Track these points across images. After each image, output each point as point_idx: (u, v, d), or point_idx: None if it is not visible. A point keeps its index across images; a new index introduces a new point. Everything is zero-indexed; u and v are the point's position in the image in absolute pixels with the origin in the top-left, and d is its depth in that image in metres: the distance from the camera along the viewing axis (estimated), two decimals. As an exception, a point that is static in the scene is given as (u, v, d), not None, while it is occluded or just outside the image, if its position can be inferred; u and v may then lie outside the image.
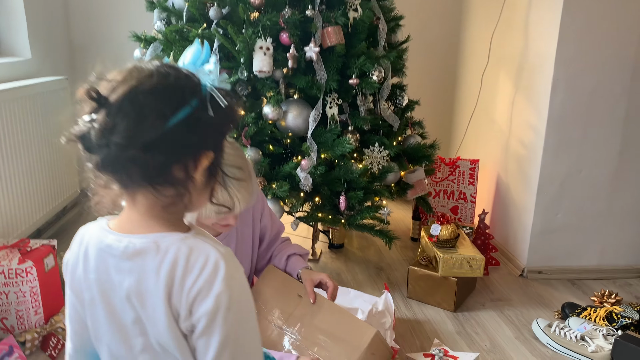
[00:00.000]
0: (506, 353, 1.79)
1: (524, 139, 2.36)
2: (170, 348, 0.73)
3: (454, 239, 2.08)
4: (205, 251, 0.71)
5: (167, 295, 0.70)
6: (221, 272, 0.70)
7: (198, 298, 0.70)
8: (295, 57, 1.92)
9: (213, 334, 0.70)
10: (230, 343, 0.71)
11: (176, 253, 0.71)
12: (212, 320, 0.70)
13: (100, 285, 0.75)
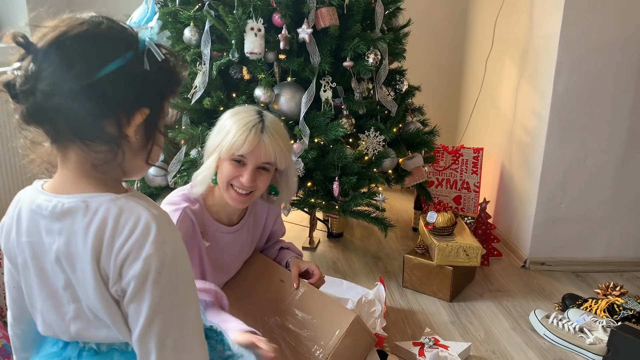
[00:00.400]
0: (500, 344, 1.73)
1: (527, 125, 2.29)
2: (101, 314, 0.70)
3: (450, 227, 2.02)
4: (137, 212, 0.68)
5: (96, 257, 0.67)
6: (152, 234, 0.67)
7: (127, 260, 0.66)
8: (287, 38, 1.88)
9: (143, 299, 0.67)
10: (162, 310, 0.67)
11: (105, 213, 0.68)
12: (142, 284, 0.66)
13: (32, 248, 0.72)
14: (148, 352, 0.68)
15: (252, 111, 1.29)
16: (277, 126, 1.30)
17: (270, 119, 1.29)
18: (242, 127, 1.23)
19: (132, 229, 0.67)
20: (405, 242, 2.56)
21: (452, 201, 2.68)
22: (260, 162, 1.27)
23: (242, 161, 1.26)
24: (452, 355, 1.59)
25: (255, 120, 1.25)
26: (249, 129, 1.23)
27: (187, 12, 1.96)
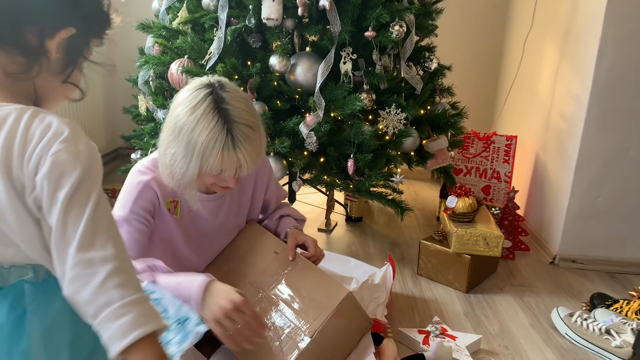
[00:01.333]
0: (515, 340, 1.59)
1: (565, 111, 2.11)
2: (12, 230, 0.65)
3: (471, 213, 1.89)
4: (48, 119, 0.65)
5: (6, 168, 0.63)
6: (64, 132, 0.65)
7: (39, 164, 0.64)
8: (306, 5, 1.80)
9: (57, 199, 0.64)
10: (73, 209, 0.64)
11: (16, 121, 0.64)
12: (55, 182, 0.64)
13: None
14: (63, 254, 0.64)
15: (211, 115, 1.09)
16: (246, 126, 1.12)
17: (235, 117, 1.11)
18: (211, 151, 1.09)
19: (42, 134, 0.64)
20: (427, 230, 2.43)
21: (480, 191, 2.53)
22: (238, 175, 1.18)
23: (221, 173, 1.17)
24: (459, 346, 1.47)
25: (222, 137, 1.09)
26: (219, 150, 1.09)
27: (207, -23, 1.90)
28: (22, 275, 0.69)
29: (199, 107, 1.10)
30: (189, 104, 1.11)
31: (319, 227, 2.40)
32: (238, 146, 1.10)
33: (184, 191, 1.20)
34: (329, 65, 1.83)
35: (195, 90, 1.13)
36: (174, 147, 1.13)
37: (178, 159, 1.13)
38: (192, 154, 1.10)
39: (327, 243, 2.25)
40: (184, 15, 1.98)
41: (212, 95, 1.11)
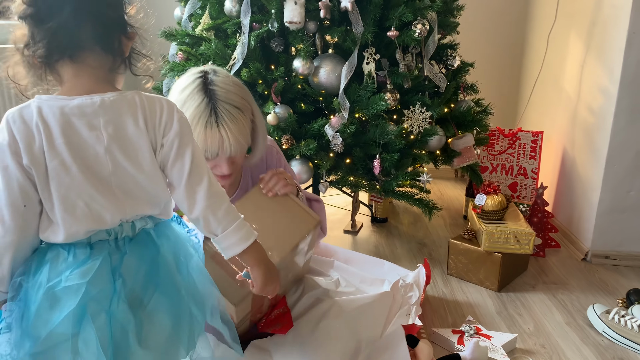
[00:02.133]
0: (552, 338, 1.57)
1: (593, 105, 2.08)
2: (150, 183, 0.85)
3: (500, 211, 1.86)
4: (156, 99, 0.86)
5: (147, 133, 0.84)
6: (174, 104, 0.88)
7: (167, 127, 0.85)
8: (328, 6, 1.80)
9: (185, 153, 0.86)
10: (196, 159, 0.87)
11: (141, 101, 0.84)
12: (182, 140, 0.86)
13: (72, 148, 0.80)
14: (195, 190, 0.87)
15: (199, 94, 1.16)
16: (230, 105, 1.17)
17: (220, 96, 1.16)
18: (194, 127, 1.13)
19: (161, 107, 0.86)
20: (455, 229, 2.41)
21: (507, 188, 2.50)
22: (228, 155, 1.20)
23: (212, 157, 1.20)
24: (495, 345, 1.45)
25: (205, 113, 1.14)
26: (202, 126, 1.14)
27: (228, -17, 1.92)
28: (144, 226, 0.88)
29: (189, 87, 1.18)
30: (180, 86, 1.20)
31: (345, 229, 2.39)
32: (221, 123, 1.15)
33: None
34: (352, 67, 1.82)
35: (190, 75, 1.20)
36: None
37: None
38: None
39: (353, 245, 2.25)
40: (206, 21, 2.00)
41: (203, 78, 1.19)
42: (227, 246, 0.89)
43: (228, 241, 0.88)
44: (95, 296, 0.78)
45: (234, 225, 0.88)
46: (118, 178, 0.83)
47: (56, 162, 0.79)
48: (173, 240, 0.90)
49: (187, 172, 0.86)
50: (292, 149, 1.83)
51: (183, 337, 0.86)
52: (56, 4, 0.76)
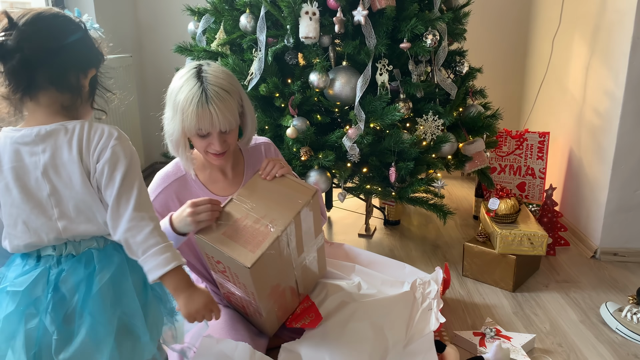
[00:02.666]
0: (568, 337, 1.64)
1: (598, 107, 2.14)
2: (85, 205, 0.94)
3: (514, 214, 1.93)
4: (102, 127, 0.95)
5: (80, 159, 0.92)
6: (115, 135, 0.95)
7: (101, 154, 0.93)
8: (342, 21, 1.85)
9: (115, 178, 0.93)
10: (127, 182, 0.94)
11: (80, 130, 0.93)
12: (112, 167, 0.93)
13: (15, 172, 0.92)
14: (119, 213, 0.93)
15: (192, 79, 1.30)
16: (219, 87, 1.31)
17: (210, 80, 1.30)
18: (188, 106, 1.28)
19: (100, 135, 0.94)
20: (466, 230, 2.48)
21: (515, 188, 2.57)
22: (219, 130, 1.33)
23: (206, 134, 1.34)
24: (515, 346, 1.52)
25: (197, 93, 1.28)
26: (195, 105, 1.28)
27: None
28: (90, 246, 0.96)
29: (185, 75, 1.33)
30: (179, 75, 1.35)
31: (359, 232, 2.46)
32: (210, 102, 1.29)
33: (179, 156, 1.40)
34: (367, 79, 1.88)
35: (187, 67, 1.37)
36: (167, 111, 1.38)
37: (169, 119, 1.36)
38: (176, 111, 1.32)
39: (369, 248, 2.31)
40: (221, 37, 2.05)
41: (197, 68, 1.34)
42: (147, 270, 0.93)
43: (147, 265, 0.92)
44: (32, 302, 0.91)
45: (153, 250, 0.91)
46: (56, 199, 0.93)
47: (2, 185, 0.93)
48: (116, 262, 0.96)
49: (115, 196, 0.92)
50: (311, 160, 1.89)
51: (104, 354, 0.91)
52: (9, 52, 0.87)
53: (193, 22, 2.27)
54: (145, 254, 0.92)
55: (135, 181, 0.95)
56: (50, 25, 0.92)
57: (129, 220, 0.92)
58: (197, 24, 2.24)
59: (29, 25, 0.89)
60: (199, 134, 1.34)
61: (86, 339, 0.90)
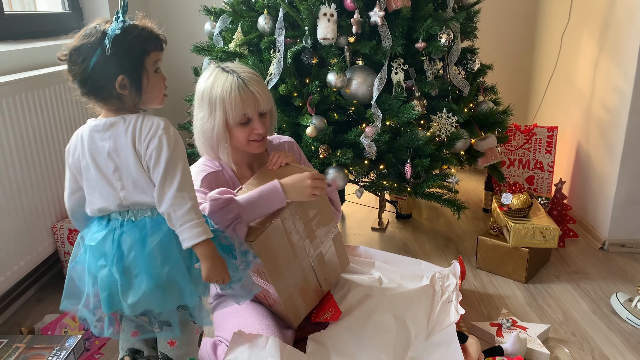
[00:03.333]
0: (580, 326, 1.71)
1: (607, 102, 2.20)
2: (138, 181, 1.11)
3: (526, 209, 1.99)
4: (152, 119, 1.11)
5: (132, 144, 1.10)
6: (162, 125, 1.10)
7: (150, 142, 1.09)
8: (359, 22, 1.90)
9: (160, 162, 1.08)
10: (170, 169, 1.09)
11: (135, 122, 1.11)
12: (158, 154, 1.09)
13: (91, 153, 1.13)
14: (164, 191, 1.09)
15: (222, 74, 1.40)
16: (250, 73, 1.42)
17: (238, 70, 1.40)
18: (229, 95, 1.37)
19: (150, 126, 1.10)
20: (476, 223, 2.55)
21: (524, 181, 2.63)
22: (259, 110, 1.43)
23: (247, 120, 1.42)
24: (531, 336, 1.59)
25: (234, 81, 1.38)
26: (236, 91, 1.37)
27: (261, 1, 2.01)
28: (145, 214, 1.14)
29: (212, 74, 1.43)
30: (203, 78, 1.45)
31: (372, 225, 2.52)
32: (248, 84, 1.40)
33: (220, 152, 1.46)
34: (383, 79, 1.93)
35: (208, 70, 1.46)
36: (200, 112, 1.45)
37: (205, 118, 1.43)
38: (216, 106, 1.40)
39: (382, 242, 2.37)
40: (239, 37, 2.09)
41: (221, 66, 1.45)
42: (183, 239, 1.10)
43: (182, 235, 1.10)
44: (102, 255, 1.12)
45: (189, 224, 1.09)
46: (119, 175, 1.12)
47: (84, 162, 1.14)
48: (165, 230, 1.13)
49: (161, 177, 1.09)
50: (329, 158, 1.95)
51: (157, 300, 1.12)
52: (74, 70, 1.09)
53: (209, 22, 2.31)
54: (182, 226, 1.09)
55: (178, 165, 1.10)
56: (75, 58, 1.09)
57: (172, 198, 1.09)
58: (213, 24, 2.28)
59: (67, 62, 1.11)
60: (241, 122, 1.42)
61: (143, 288, 1.10)
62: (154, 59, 1.14)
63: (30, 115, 1.77)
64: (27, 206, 1.75)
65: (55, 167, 1.92)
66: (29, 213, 1.77)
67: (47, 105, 1.86)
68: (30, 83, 1.77)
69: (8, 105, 1.65)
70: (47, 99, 1.86)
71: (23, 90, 1.73)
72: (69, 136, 2.02)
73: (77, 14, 2.60)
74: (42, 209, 1.84)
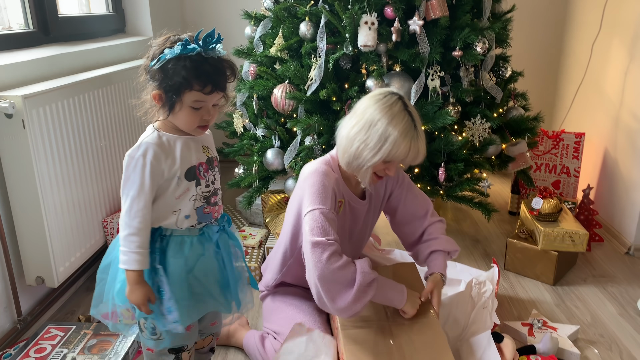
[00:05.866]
0: (608, 328, 1.78)
1: (637, 111, 2.25)
2: None
3: (556, 213, 2.06)
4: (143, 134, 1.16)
5: None
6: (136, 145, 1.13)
7: None
8: (399, 30, 1.97)
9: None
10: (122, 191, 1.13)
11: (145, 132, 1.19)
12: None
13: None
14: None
15: (402, 113, 1.36)
16: (421, 125, 1.40)
17: (415, 117, 1.39)
18: (404, 140, 1.34)
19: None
20: (502, 225, 2.61)
21: (550, 185, 2.69)
22: (416, 162, 1.42)
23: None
24: (562, 336, 1.66)
25: (412, 130, 1.36)
26: (409, 139, 1.35)
27: (303, 8, 2.09)
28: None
29: (393, 107, 1.37)
30: (383, 105, 1.38)
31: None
32: (420, 139, 1.39)
33: (359, 173, 1.43)
34: (421, 85, 2.00)
35: (386, 96, 1.40)
36: (364, 136, 1.37)
37: (369, 145, 1.37)
38: (386, 141, 1.35)
39: (412, 241, 2.45)
40: (280, 42, 2.18)
41: (401, 100, 1.40)
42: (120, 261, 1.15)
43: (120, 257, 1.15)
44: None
45: (122, 249, 1.13)
46: None
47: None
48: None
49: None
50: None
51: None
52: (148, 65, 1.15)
53: (249, 26, 2.40)
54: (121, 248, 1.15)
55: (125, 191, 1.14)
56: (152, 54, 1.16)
57: (120, 217, 1.16)
58: (253, 28, 2.36)
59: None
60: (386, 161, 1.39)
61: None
62: (195, 97, 1.10)
63: (83, 115, 1.86)
64: (81, 201, 1.86)
65: (106, 164, 2.02)
66: (83, 208, 1.87)
67: (96, 105, 1.96)
68: (85, 85, 1.87)
69: (63, 107, 1.74)
70: (98, 100, 1.96)
71: (76, 92, 1.82)
72: (117, 135, 2.12)
73: (119, 16, 2.70)
74: (94, 204, 1.94)
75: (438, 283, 1.50)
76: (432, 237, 1.60)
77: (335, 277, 1.28)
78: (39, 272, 1.68)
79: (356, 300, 1.28)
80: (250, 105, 2.34)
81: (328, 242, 1.30)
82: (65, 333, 1.54)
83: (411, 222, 1.64)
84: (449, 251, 1.59)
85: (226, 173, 3.43)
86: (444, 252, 1.57)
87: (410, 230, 1.65)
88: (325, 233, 1.32)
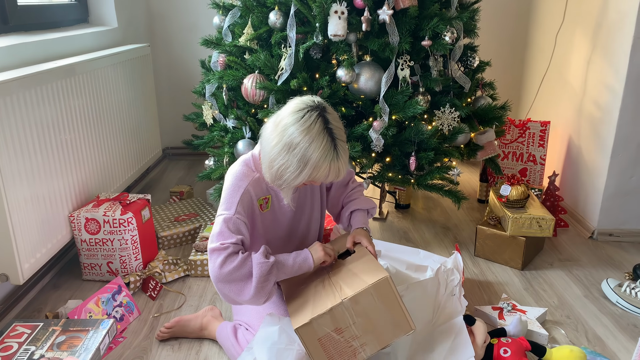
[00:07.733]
0: (574, 310, 1.83)
1: (599, 100, 2.32)
2: None
3: (523, 200, 2.11)
4: None
5: None
6: None
7: None
8: (369, 20, 1.97)
9: None
10: None
11: None
12: None
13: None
14: None
15: (322, 134, 1.33)
16: (343, 142, 1.38)
17: (337, 135, 1.36)
18: (322, 163, 1.34)
19: None
20: (472, 213, 2.66)
21: (517, 173, 2.74)
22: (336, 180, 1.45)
23: None
24: (531, 319, 1.71)
25: (331, 153, 1.34)
26: (329, 162, 1.35)
27: (272, -3, 2.07)
28: None
29: (312, 128, 1.34)
30: (302, 126, 1.34)
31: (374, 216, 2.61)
32: (340, 159, 1.38)
33: (282, 190, 1.46)
34: (391, 75, 2.01)
35: (305, 114, 1.36)
36: (284, 159, 1.36)
37: (290, 169, 1.36)
38: (306, 166, 1.35)
39: (384, 231, 2.47)
40: (249, 32, 2.15)
41: (321, 117, 1.36)
42: None
43: None
44: None
45: None
46: None
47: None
48: None
49: None
50: (338, 151, 2.03)
51: None
52: None
53: (218, 15, 2.36)
54: None
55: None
56: None
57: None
58: (222, 17, 2.33)
59: None
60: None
61: None
62: None
63: (46, 107, 1.81)
64: (46, 196, 1.80)
65: (70, 157, 1.97)
66: (48, 203, 1.81)
67: (59, 97, 1.90)
68: (47, 76, 1.81)
69: (24, 98, 1.68)
70: (61, 91, 1.90)
71: (38, 83, 1.77)
72: (81, 127, 2.06)
73: (82, 5, 2.62)
74: (59, 199, 1.89)
75: (364, 233, 1.58)
76: (350, 199, 1.70)
77: (232, 277, 1.34)
78: (3, 269, 1.63)
79: (260, 290, 1.35)
80: (219, 96, 2.31)
81: (222, 247, 1.35)
82: (32, 330, 1.50)
83: (336, 195, 1.73)
84: (367, 209, 1.68)
85: (196, 165, 3.39)
86: (363, 211, 1.67)
87: (335, 202, 1.74)
88: (222, 237, 1.37)
